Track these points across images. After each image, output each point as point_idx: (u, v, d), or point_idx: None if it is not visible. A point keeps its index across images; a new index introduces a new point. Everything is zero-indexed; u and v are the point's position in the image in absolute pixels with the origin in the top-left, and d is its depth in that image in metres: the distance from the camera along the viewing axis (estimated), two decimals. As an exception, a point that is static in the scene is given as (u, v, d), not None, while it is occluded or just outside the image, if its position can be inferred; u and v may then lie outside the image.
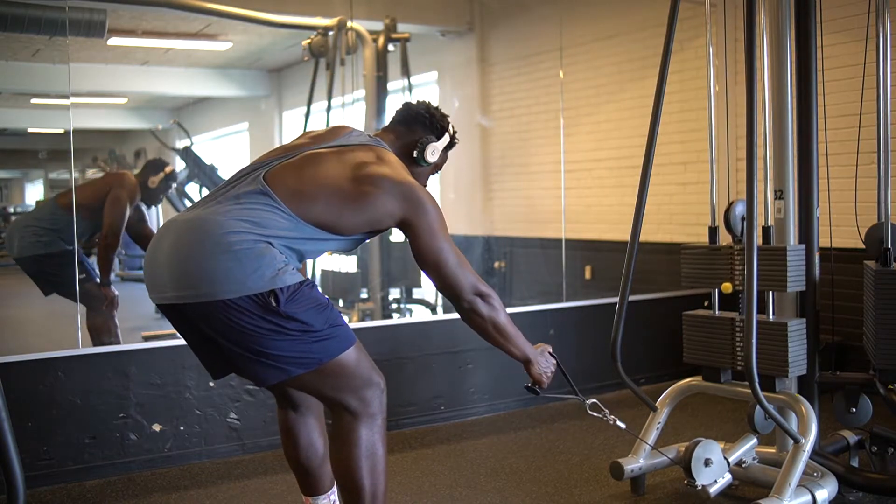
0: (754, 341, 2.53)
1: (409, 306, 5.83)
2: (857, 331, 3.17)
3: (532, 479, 3.23)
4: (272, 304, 1.93)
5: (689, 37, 4.89)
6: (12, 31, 4.26)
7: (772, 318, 2.87)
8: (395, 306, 5.75)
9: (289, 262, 2.01)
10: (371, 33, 5.36)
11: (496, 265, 6.09)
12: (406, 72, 5.61)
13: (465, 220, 6.49)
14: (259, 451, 3.61)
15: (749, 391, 2.60)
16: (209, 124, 6.90)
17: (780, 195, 2.94)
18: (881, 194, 2.89)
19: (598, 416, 2.42)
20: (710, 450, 2.68)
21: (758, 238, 2.64)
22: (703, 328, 3.01)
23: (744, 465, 2.88)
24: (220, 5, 4.69)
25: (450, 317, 4.33)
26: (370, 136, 2.27)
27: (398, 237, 5.80)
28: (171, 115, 6.81)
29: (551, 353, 2.35)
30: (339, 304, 5.49)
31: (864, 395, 2.87)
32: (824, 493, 2.65)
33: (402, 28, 5.52)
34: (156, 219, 6.93)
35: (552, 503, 2.97)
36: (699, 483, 2.65)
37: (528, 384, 2.33)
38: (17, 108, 5.77)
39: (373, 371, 2.11)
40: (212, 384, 3.51)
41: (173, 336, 4.23)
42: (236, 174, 2.15)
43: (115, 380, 3.35)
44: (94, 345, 3.74)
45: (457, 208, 6.54)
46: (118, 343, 3.87)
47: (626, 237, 2.97)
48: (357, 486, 2.05)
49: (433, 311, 5.88)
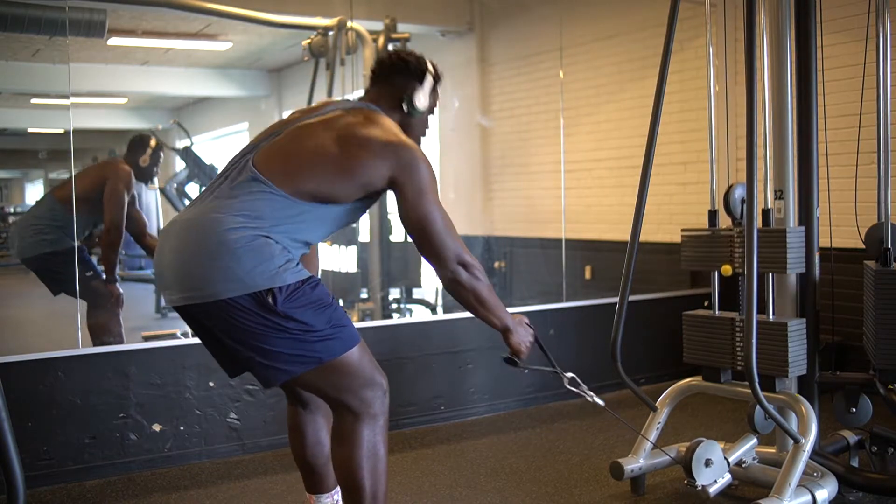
0: (754, 341, 2.53)
1: (409, 306, 5.83)
2: (857, 331, 3.17)
3: (532, 479, 3.23)
4: (269, 302, 1.93)
5: (689, 37, 4.89)
6: (12, 31, 4.26)
7: (772, 318, 2.86)
8: (395, 306, 5.75)
9: (292, 254, 2.01)
10: (371, 33, 5.36)
11: (496, 265, 6.08)
12: (406, 72, 5.61)
13: (465, 220, 6.48)
14: (259, 451, 3.61)
15: (749, 391, 2.60)
16: (209, 124, 6.90)
17: (780, 195, 2.94)
18: (881, 194, 2.89)
19: (576, 391, 2.40)
20: (711, 450, 2.68)
21: (757, 221, 2.63)
22: (703, 328, 3.01)
23: (744, 465, 2.88)
24: (220, 5, 4.69)
25: (450, 317, 4.33)
26: (358, 101, 2.23)
27: (398, 237, 5.80)
28: (171, 115, 6.81)
29: (528, 323, 2.31)
30: (339, 304, 5.49)
31: (864, 395, 2.87)
32: (824, 493, 2.64)
33: (402, 28, 5.52)
34: (155, 218, 6.94)
35: (552, 503, 2.97)
36: (699, 483, 2.65)
37: (507, 355, 2.29)
38: (17, 108, 5.77)
39: (375, 371, 2.11)
40: (211, 384, 3.51)
41: (173, 336, 4.24)
42: (229, 163, 2.15)
43: (115, 380, 3.35)
44: (97, 344, 3.74)
45: (457, 208, 6.53)
46: (121, 343, 3.87)
47: (626, 237, 2.96)
48: (358, 486, 2.05)
49: (433, 311, 5.88)
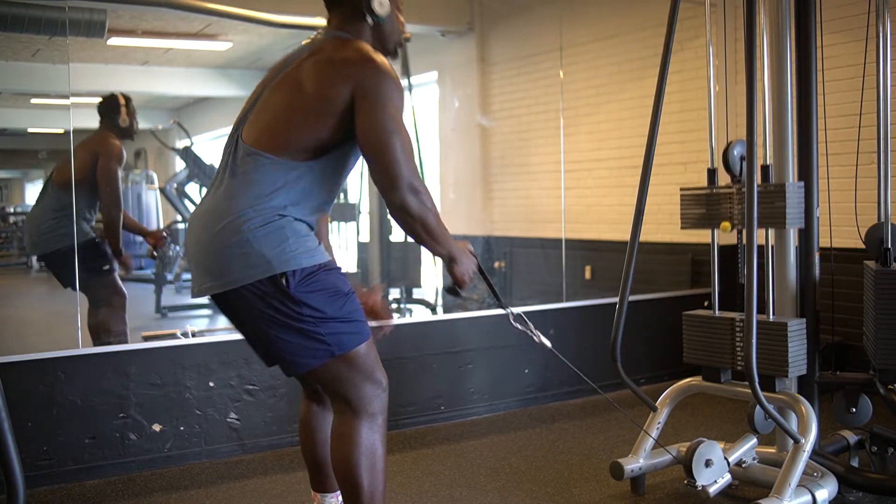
0: (754, 341, 2.53)
1: (409, 306, 5.84)
2: (857, 331, 3.17)
3: (532, 479, 3.23)
4: (283, 285, 1.95)
5: (689, 37, 4.89)
6: (12, 31, 4.26)
7: (772, 317, 2.86)
8: (395, 306, 5.75)
9: (307, 229, 2.01)
10: (371, 33, 5.35)
11: (496, 265, 6.09)
12: (406, 72, 5.61)
13: (465, 219, 6.49)
14: (259, 451, 3.61)
15: (749, 391, 2.60)
16: (209, 124, 6.90)
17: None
18: (881, 194, 2.89)
19: (522, 328, 2.33)
20: (711, 450, 2.68)
21: (757, 177, 2.63)
22: (703, 328, 3.01)
23: (744, 465, 2.88)
24: (220, 5, 4.69)
25: (450, 317, 4.34)
26: (325, 33, 2.14)
27: (398, 237, 5.81)
28: (171, 115, 6.82)
29: (472, 251, 2.24)
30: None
31: (864, 395, 2.87)
32: (824, 493, 2.64)
33: (402, 28, 5.52)
34: (156, 218, 6.93)
35: (552, 503, 2.97)
36: (699, 483, 2.65)
37: (449, 285, 2.23)
38: (17, 108, 5.78)
39: (378, 369, 2.11)
40: (211, 384, 3.51)
41: (173, 336, 4.24)
42: (226, 142, 2.14)
43: (115, 380, 3.35)
44: (101, 342, 3.74)
45: (457, 208, 6.54)
46: (126, 342, 3.86)
47: (626, 237, 2.96)
48: (355, 484, 2.05)
49: (433, 311, 5.88)
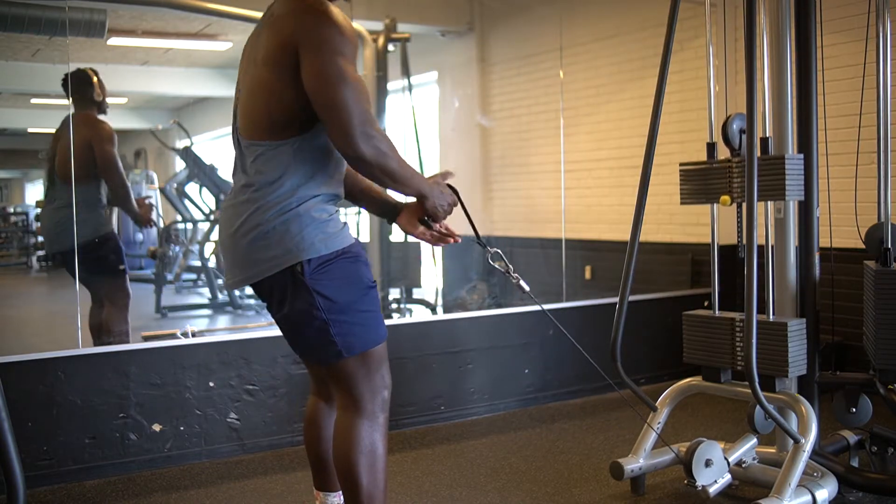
0: (754, 341, 2.53)
1: (409, 306, 5.83)
2: (857, 331, 3.17)
3: (532, 479, 3.23)
4: (299, 273, 1.96)
5: (689, 37, 4.89)
6: (12, 31, 4.27)
7: (772, 317, 2.86)
8: (395, 306, 5.75)
9: (326, 220, 2.00)
10: (371, 33, 5.37)
11: (496, 265, 6.08)
12: (406, 72, 5.61)
13: (466, 219, 6.48)
14: (259, 451, 3.61)
15: (749, 391, 2.59)
16: (209, 124, 6.91)
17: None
18: (881, 194, 2.89)
19: (500, 268, 2.32)
20: (711, 450, 2.68)
21: (756, 149, 2.63)
22: (703, 328, 3.01)
23: (744, 465, 2.88)
24: (220, 5, 4.69)
25: (450, 317, 4.34)
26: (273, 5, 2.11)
27: (398, 237, 5.80)
28: (171, 115, 6.82)
29: (450, 185, 2.20)
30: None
31: (864, 395, 2.87)
32: (824, 493, 2.64)
33: (402, 28, 5.53)
34: (155, 218, 6.91)
35: (552, 503, 2.98)
36: (699, 483, 2.65)
37: (422, 217, 2.18)
38: (17, 108, 5.78)
39: (383, 369, 2.11)
40: (211, 384, 3.51)
41: (173, 336, 4.24)
42: (232, 137, 2.16)
43: (115, 380, 3.35)
44: (102, 342, 3.75)
45: (457, 208, 6.53)
46: (126, 342, 3.86)
47: (626, 237, 2.96)
48: (355, 482, 2.05)
49: (433, 311, 5.88)
